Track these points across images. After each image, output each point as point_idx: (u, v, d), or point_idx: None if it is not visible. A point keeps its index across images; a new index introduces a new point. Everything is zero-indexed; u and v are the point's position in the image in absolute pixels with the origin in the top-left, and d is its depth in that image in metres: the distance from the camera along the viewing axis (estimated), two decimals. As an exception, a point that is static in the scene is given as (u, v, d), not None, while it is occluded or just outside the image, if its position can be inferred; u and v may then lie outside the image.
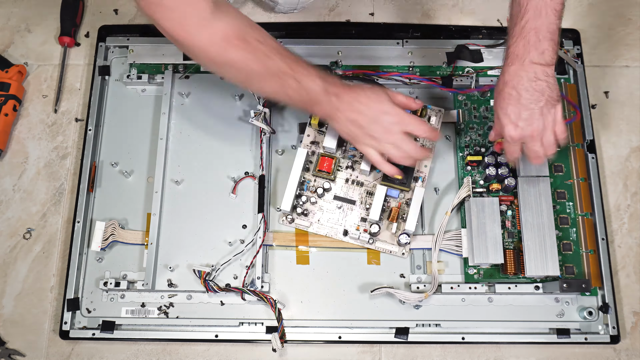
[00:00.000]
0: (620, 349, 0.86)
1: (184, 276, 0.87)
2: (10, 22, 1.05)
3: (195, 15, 0.69)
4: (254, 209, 0.90)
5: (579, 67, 0.96)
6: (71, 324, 0.86)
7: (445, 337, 0.84)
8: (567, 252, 0.87)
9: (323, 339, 0.85)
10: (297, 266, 0.88)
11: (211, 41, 0.71)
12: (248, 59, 0.73)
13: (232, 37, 0.71)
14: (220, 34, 0.71)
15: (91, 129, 0.94)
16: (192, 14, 0.69)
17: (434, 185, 0.91)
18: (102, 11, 1.05)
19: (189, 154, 0.94)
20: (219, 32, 0.71)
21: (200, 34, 0.70)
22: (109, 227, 0.89)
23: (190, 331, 0.85)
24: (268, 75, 0.75)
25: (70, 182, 0.95)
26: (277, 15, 1.04)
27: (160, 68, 0.98)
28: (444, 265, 0.87)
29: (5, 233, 0.92)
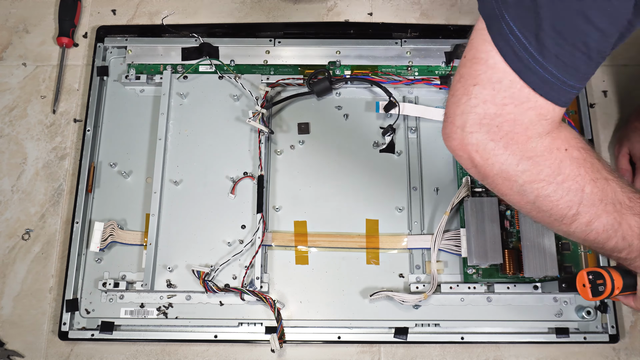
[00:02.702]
0: (619, 348, 0.86)
1: (183, 277, 0.87)
2: (8, 22, 1.04)
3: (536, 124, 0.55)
4: (252, 209, 0.90)
5: (577, 66, 0.95)
6: (70, 325, 0.86)
7: (444, 336, 0.84)
8: (566, 251, 0.87)
9: (322, 339, 0.85)
10: (296, 266, 0.88)
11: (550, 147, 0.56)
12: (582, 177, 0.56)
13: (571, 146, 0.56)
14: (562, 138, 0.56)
15: (90, 129, 0.94)
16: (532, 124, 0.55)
17: (433, 185, 0.91)
18: (100, 12, 1.05)
19: (187, 154, 0.94)
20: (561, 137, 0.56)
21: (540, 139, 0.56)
22: (108, 227, 0.89)
23: (190, 331, 0.85)
24: (602, 205, 0.57)
25: (69, 183, 0.95)
26: (275, 16, 1.04)
27: (159, 68, 0.98)
28: (443, 265, 0.87)
29: (4, 234, 0.92)
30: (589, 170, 0.57)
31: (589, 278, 0.68)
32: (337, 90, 0.96)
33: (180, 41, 0.98)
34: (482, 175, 0.58)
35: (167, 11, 1.04)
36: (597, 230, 0.58)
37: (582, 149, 0.58)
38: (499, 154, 0.56)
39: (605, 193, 0.57)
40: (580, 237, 0.59)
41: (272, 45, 0.98)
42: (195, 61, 0.97)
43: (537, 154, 0.56)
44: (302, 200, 0.91)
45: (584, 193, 0.57)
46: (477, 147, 0.56)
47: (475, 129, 0.55)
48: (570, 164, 0.56)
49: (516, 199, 0.59)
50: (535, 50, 0.51)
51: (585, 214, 0.57)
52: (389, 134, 0.92)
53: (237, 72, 0.97)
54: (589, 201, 0.57)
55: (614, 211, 0.57)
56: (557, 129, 0.57)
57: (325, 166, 0.93)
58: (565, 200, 0.57)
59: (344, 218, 0.90)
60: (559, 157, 0.56)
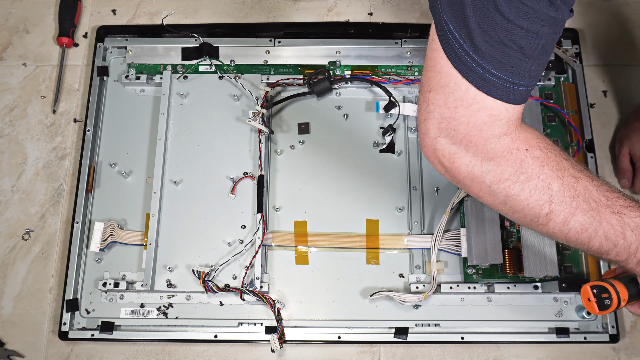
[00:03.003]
0: (620, 348, 0.86)
1: (183, 277, 0.87)
2: (9, 22, 1.05)
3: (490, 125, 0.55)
4: (252, 209, 0.90)
5: (577, 66, 0.96)
6: (70, 325, 0.86)
7: (444, 336, 0.84)
8: (566, 251, 0.87)
9: (322, 339, 0.85)
10: (297, 266, 0.88)
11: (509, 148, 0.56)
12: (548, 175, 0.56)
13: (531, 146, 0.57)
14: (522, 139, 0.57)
15: (90, 129, 0.94)
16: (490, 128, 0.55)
17: (433, 185, 0.91)
18: (101, 12, 1.05)
19: (187, 154, 0.94)
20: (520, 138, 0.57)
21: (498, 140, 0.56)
22: (108, 227, 0.89)
23: (190, 331, 0.85)
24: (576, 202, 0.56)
25: (69, 183, 0.95)
26: (275, 16, 1.04)
27: (159, 68, 0.98)
28: (443, 265, 0.87)
29: (4, 234, 0.92)
30: (554, 168, 0.57)
31: (593, 292, 0.66)
32: (337, 90, 0.96)
33: (180, 41, 0.98)
34: (454, 179, 0.59)
35: (167, 11, 1.04)
36: (576, 229, 0.58)
37: (544, 149, 0.58)
38: (462, 157, 0.57)
39: (576, 191, 0.57)
40: (562, 237, 0.59)
41: (272, 45, 0.98)
42: (195, 61, 0.97)
43: (497, 155, 0.56)
44: (302, 200, 0.91)
45: (552, 190, 0.57)
46: (443, 152, 0.58)
47: (437, 134, 0.57)
48: (532, 163, 0.57)
49: (490, 200, 0.60)
50: (470, 49, 0.52)
51: (559, 213, 0.57)
52: (389, 134, 0.92)
53: (237, 72, 0.97)
54: (559, 199, 0.57)
55: (590, 209, 0.57)
56: (516, 130, 0.57)
57: (325, 166, 0.93)
58: (534, 199, 0.57)
59: (344, 218, 0.90)
60: (520, 157, 0.57)
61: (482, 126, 0.55)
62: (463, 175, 0.59)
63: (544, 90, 0.95)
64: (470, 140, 0.56)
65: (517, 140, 0.57)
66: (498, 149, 0.56)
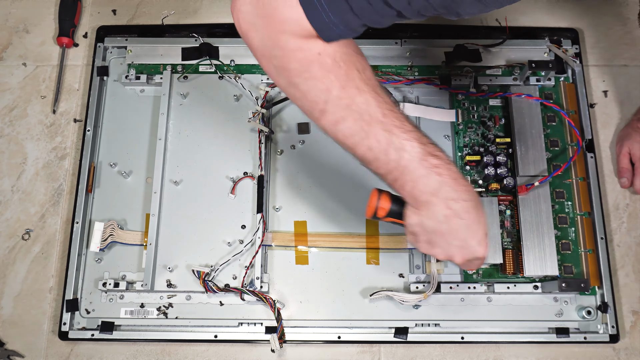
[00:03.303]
0: (620, 348, 0.86)
1: (183, 277, 0.87)
2: (9, 22, 1.05)
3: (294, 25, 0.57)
4: (252, 209, 0.90)
5: (577, 66, 0.96)
6: (70, 325, 0.86)
7: (444, 336, 0.84)
8: (566, 251, 0.87)
9: (322, 339, 0.85)
10: (296, 266, 0.88)
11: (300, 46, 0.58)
12: (331, 81, 0.59)
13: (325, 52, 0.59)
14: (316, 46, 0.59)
15: (90, 129, 0.94)
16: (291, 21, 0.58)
17: (432, 185, 0.91)
18: (101, 12, 1.05)
19: (187, 154, 0.93)
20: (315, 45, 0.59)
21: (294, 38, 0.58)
22: (108, 227, 0.89)
23: (190, 331, 0.85)
24: (349, 110, 0.60)
25: (69, 183, 0.95)
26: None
27: (159, 68, 0.98)
28: (443, 265, 0.87)
29: (4, 234, 0.92)
30: (341, 77, 0.59)
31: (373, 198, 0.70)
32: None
33: (180, 41, 0.98)
34: (249, 45, 0.61)
35: (167, 11, 1.04)
36: (344, 133, 0.61)
37: (339, 60, 0.59)
38: (258, 31, 0.59)
39: (354, 100, 0.59)
40: (333, 136, 0.63)
41: (272, 45, 0.98)
42: (195, 61, 0.97)
43: (288, 48, 0.59)
44: (302, 200, 0.91)
45: (331, 95, 0.60)
46: (245, 17, 0.59)
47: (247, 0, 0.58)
48: (319, 67, 0.59)
49: (274, 78, 0.63)
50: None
51: (332, 114, 0.61)
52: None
53: (237, 72, 0.97)
54: (335, 103, 0.60)
55: (361, 120, 0.60)
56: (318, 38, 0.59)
57: (325, 166, 0.93)
58: (312, 95, 0.61)
59: (344, 218, 0.90)
60: (309, 57, 0.59)
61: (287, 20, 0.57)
62: (255, 47, 0.61)
63: (544, 90, 0.95)
64: (270, 23, 0.58)
65: (315, 44, 0.59)
66: (290, 44, 0.58)
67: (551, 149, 0.92)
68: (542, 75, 0.94)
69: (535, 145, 0.89)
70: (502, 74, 0.96)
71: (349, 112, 0.60)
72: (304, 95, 0.61)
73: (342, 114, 0.60)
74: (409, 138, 0.61)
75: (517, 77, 0.95)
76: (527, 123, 0.90)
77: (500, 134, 0.92)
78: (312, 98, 0.61)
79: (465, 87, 0.94)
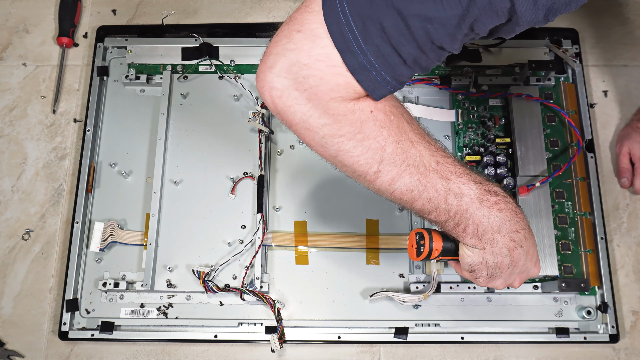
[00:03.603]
0: (620, 348, 0.86)
1: (183, 277, 0.87)
2: (9, 22, 1.05)
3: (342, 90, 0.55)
4: (253, 209, 0.90)
5: (577, 66, 0.96)
6: (70, 325, 0.86)
7: (444, 336, 0.84)
8: (566, 251, 0.87)
9: (322, 339, 0.85)
10: (296, 266, 0.88)
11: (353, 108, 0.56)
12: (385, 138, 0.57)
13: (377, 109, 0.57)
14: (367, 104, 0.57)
15: (90, 129, 0.94)
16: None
17: (432, 185, 0.91)
18: (101, 12, 1.05)
19: (187, 154, 0.93)
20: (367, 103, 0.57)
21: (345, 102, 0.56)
22: (108, 227, 0.89)
23: (190, 331, 0.85)
24: (405, 165, 0.58)
25: (69, 183, 0.95)
26: (275, 16, 1.04)
27: (159, 68, 0.98)
28: (443, 265, 0.87)
29: (4, 234, 0.92)
30: (393, 132, 0.57)
31: (416, 239, 0.69)
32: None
33: (180, 41, 0.98)
34: (285, 122, 0.58)
35: (167, 11, 1.04)
36: (401, 190, 0.59)
37: (389, 112, 0.58)
38: (301, 104, 0.55)
39: (408, 154, 0.58)
40: (387, 194, 0.61)
41: (272, 45, 0.98)
42: (195, 61, 0.97)
43: (339, 113, 0.56)
44: (302, 200, 0.91)
45: (385, 152, 0.57)
46: (282, 93, 0.55)
47: (284, 74, 0.54)
48: (373, 125, 0.57)
49: (320, 151, 0.59)
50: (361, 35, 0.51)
51: (387, 173, 0.58)
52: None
53: (237, 72, 0.97)
54: (389, 160, 0.58)
55: (418, 173, 0.58)
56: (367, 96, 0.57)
57: (325, 166, 0.92)
58: (365, 157, 0.58)
59: (344, 218, 0.90)
60: (362, 117, 0.56)
61: (335, 87, 0.54)
62: (297, 121, 0.57)
63: (544, 90, 0.95)
64: (316, 93, 0.54)
65: (364, 102, 0.57)
66: (341, 109, 0.56)
67: (551, 149, 0.92)
68: (542, 75, 0.94)
69: (535, 145, 0.89)
70: (502, 74, 0.96)
71: (405, 168, 0.58)
72: (356, 160, 0.58)
73: (397, 171, 0.58)
74: (465, 181, 0.60)
75: (517, 77, 0.95)
76: (527, 123, 0.90)
77: (500, 134, 0.92)
78: (366, 161, 0.58)
79: (465, 87, 0.94)
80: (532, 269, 0.67)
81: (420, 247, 0.69)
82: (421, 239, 0.69)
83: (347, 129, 0.56)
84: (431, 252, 0.68)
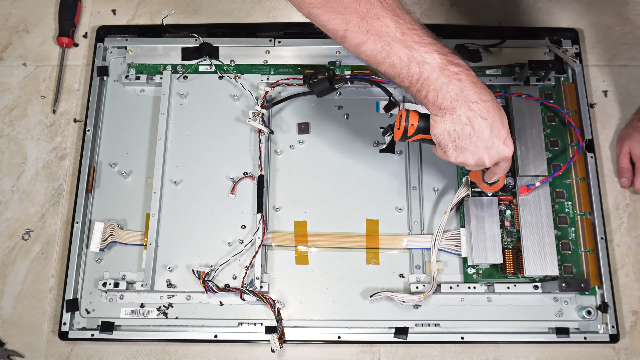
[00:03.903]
0: (620, 348, 0.86)
1: (183, 277, 0.87)
2: (8, 22, 1.05)
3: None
4: (252, 209, 0.90)
5: (577, 66, 0.96)
6: (70, 325, 0.86)
7: (444, 336, 0.84)
8: (566, 251, 0.87)
9: (322, 339, 0.85)
10: (297, 266, 0.88)
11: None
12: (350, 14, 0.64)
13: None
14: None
15: (90, 129, 0.94)
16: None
17: (433, 185, 0.91)
18: (100, 12, 1.05)
19: (187, 154, 0.93)
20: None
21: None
22: (108, 227, 0.89)
23: (190, 331, 0.85)
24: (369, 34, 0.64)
25: (69, 183, 0.95)
26: (275, 16, 1.04)
27: (159, 68, 0.98)
28: (443, 265, 0.87)
29: (4, 234, 0.92)
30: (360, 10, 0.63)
31: (399, 120, 0.72)
32: (337, 90, 0.96)
33: (180, 41, 0.98)
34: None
35: (167, 11, 1.04)
36: (367, 54, 0.66)
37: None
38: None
39: (372, 26, 0.64)
40: (356, 54, 0.67)
41: (272, 45, 0.98)
42: (195, 61, 0.97)
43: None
44: (302, 200, 0.91)
45: (350, 24, 0.64)
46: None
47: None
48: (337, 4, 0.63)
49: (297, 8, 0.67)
50: None
51: (353, 39, 0.65)
52: (389, 134, 0.92)
53: (237, 72, 0.97)
54: (354, 30, 0.64)
55: (381, 41, 0.64)
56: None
57: (325, 166, 0.93)
58: (332, 24, 0.65)
59: (344, 218, 0.90)
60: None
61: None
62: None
63: (544, 90, 0.95)
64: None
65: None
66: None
67: (551, 149, 0.92)
68: (542, 75, 0.94)
69: (535, 145, 0.89)
70: (502, 74, 0.96)
71: (369, 36, 0.64)
72: (324, 25, 0.66)
73: (362, 38, 0.64)
74: (429, 51, 0.64)
75: (517, 77, 0.95)
76: (527, 123, 0.90)
77: (500, 134, 0.92)
78: (332, 26, 0.65)
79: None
80: (500, 145, 0.67)
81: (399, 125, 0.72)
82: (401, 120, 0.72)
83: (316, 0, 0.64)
84: (407, 128, 0.71)
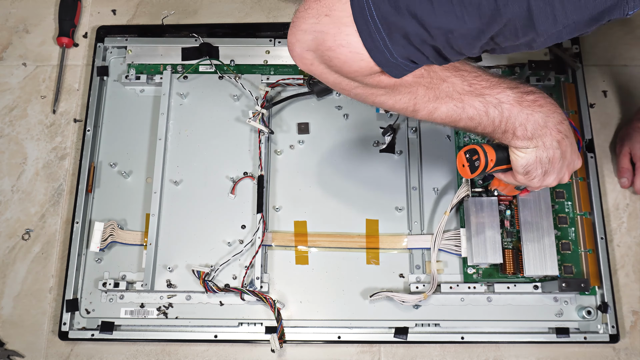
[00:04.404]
0: (620, 348, 0.86)
1: (183, 277, 0.87)
2: (9, 22, 1.05)
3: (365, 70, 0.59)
4: (252, 209, 0.90)
5: (577, 66, 0.96)
6: (70, 325, 0.86)
7: (444, 336, 0.84)
8: (566, 251, 0.87)
9: (322, 339, 0.85)
10: (296, 266, 0.88)
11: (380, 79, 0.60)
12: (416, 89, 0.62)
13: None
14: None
15: (90, 129, 0.94)
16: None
17: (432, 185, 0.91)
18: (100, 12, 1.05)
19: (187, 154, 0.93)
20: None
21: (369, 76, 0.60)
22: (108, 227, 0.89)
23: (190, 331, 0.85)
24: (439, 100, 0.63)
25: (69, 183, 0.95)
26: (275, 16, 1.04)
27: (159, 68, 0.98)
28: (443, 265, 0.87)
29: (4, 234, 0.92)
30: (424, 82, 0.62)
31: (466, 157, 0.70)
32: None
33: (180, 41, 0.98)
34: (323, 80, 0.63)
35: (167, 11, 1.04)
36: (441, 117, 0.64)
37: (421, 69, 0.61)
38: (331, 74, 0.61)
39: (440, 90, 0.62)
40: (430, 121, 0.66)
41: (272, 45, 0.98)
42: (195, 61, 0.97)
43: (367, 83, 0.61)
44: (302, 200, 0.91)
45: (417, 97, 0.62)
46: (312, 62, 0.60)
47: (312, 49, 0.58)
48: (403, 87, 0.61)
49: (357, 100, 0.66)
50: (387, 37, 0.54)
51: (424, 109, 0.64)
52: (389, 134, 0.92)
53: (237, 72, 0.97)
54: (423, 100, 0.63)
55: (452, 100, 0.63)
56: None
57: (325, 166, 0.93)
58: (400, 104, 0.63)
59: (344, 218, 0.90)
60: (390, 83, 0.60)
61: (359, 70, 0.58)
62: (330, 83, 0.62)
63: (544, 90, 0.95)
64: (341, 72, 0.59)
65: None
66: (368, 80, 0.60)
67: (551, 149, 0.92)
68: (542, 75, 0.94)
69: (535, 145, 0.89)
70: (502, 74, 0.96)
71: (439, 101, 0.63)
72: (392, 106, 0.64)
73: (433, 105, 0.63)
74: (500, 91, 0.63)
75: (517, 77, 0.95)
76: (527, 123, 0.90)
77: (500, 134, 0.92)
78: (400, 106, 0.64)
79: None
80: (576, 160, 0.69)
81: (474, 163, 0.69)
82: (473, 155, 0.69)
83: (377, 91, 0.62)
84: (487, 165, 0.69)
